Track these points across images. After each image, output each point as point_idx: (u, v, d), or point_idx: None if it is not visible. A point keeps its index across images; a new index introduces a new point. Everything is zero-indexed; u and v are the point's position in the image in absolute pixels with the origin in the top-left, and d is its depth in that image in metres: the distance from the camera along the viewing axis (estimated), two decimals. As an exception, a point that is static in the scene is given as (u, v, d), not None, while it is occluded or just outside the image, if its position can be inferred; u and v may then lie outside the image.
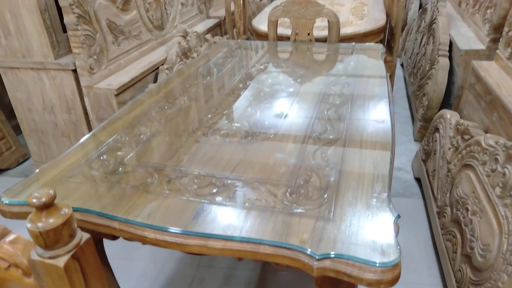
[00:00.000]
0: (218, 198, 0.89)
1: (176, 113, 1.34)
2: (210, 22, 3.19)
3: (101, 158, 1.08)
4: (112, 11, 1.95)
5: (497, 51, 1.84)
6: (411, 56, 3.38)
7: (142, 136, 1.20)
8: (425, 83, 2.60)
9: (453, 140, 1.74)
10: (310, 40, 2.14)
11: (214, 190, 0.92)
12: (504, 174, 1.25)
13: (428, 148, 2.07)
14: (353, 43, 2.09)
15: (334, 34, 2.10)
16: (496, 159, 1.32)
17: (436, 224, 1.68)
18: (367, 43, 2.07)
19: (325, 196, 0.88)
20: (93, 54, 1.83)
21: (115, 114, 1.35)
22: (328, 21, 2.08)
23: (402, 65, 3.80)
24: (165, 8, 2.50)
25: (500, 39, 1.83)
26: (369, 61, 1.78)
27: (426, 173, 2.01)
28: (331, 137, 1.14)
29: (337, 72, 1.66)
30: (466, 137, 1.62)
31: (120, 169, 1.03)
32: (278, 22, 2.40)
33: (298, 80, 1.59)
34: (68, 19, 1.69)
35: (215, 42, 2.90)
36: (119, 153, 1.10)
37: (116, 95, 1.84)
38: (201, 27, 3.03)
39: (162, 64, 2.25)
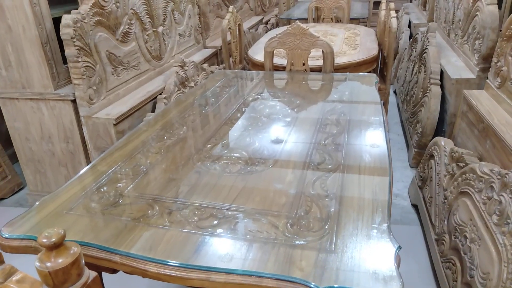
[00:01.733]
0: (219, 230, 0.90)
1: (175, 143, 1.36)
2: (207, 52, 3.26)
3: (101, 190, 1.08)
4: (112, 43, 2.00)
5: (487, 80, 1.90)
6: (404, 84, 3.45)
7: (142, 167, 1.21)
8: (418, 110, 2.65)
9: (449, 167, 1.76)
10: (305, 70, 2.20)
11: (215, 222, 0.92)
12: (500, 202, 1.27)
13: (424, 174, 2.09)
14: (347, 73, 2.15)
15: (329, 64, 2.15)
16: (492, 187, 1.34)
17: (435, 251, 1.68)
18: (361, 73, 2.12)
19: (326, 227, 0.88)
20: (92, 85, 1.86)
21: (115, 145, 1.36)
22: (323, 52, 2.14)
23: (395, 92, 3.88)
24: (163, 39, 2.56)
25: (490, 69, 1.89)
26: (363, 90, 1.82)
27: (423, 199, 2.02)
28: (329, 166, 1.15)
29: (332, 101, 1.69)
30: (461, 164, 1.64)
31: (120, 201, 1.03)
32: (274, 52, 2.46)
33: (295, 110, 1.62)
34: (69, 51, 1.73)
35: (212, 72, 2.96)
36: (119, 184, 1.10)
37: (115, 125, 1.86)
38: (198, 56, 3.09)
39: (160, 94, 2.28)
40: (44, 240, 0.44)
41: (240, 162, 1.20)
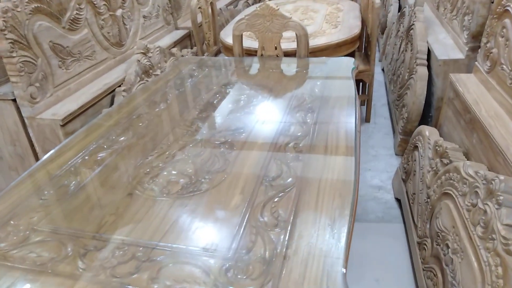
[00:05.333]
0: (139, 280, 0.73)
1: (113, 154, 1.17)
2: (179, 34, 3.02)
3: (11, 223, 0.91)
4: (57, 32, 1.78)
5: (476, 63, 1.71)
6: (391, 62, 3.25)
7: (70, 187, 1.03)
8: (404, 93, 2.46)
9: (432, 162, 1.60)
10: (277, 55, 1.99)
11: (135, 269, 0.76)
12: (485, 211, 1.11)
13: (408, 167, 1.93)
14: (324, 57, 1.95)
15: (303, 48, 1.95)
16: (477, 193, 1.18)
17: (417, 256, 1.54)
18: (338, 58, 1.92)
19: (268, 273, 0.72)
20: (34, 82, 1.65)
21: (45, 158, 1.18)
22: (296, 35, 1.93)
23: (383, 70, 3.67)
24: (124, 23, 2.33)
25: (479, 50, 1.70)
26: (338, 81, 1.63)
27: (406, 195, 1.87)
28: (287, 181, 0.98)
29: (302, 95, 1.50)
30: (445, 161, 1.48)
31: (31, 237, 0.86)
32: (247, 34, 2.25)
33: (258, 107, 1.43)
34: (1, 45, 1.51)
35: (182, 56, 2.74)
36: (34, 216, 0.93)
37: (63, 126, 1.67)
38: (168, 39, 2.86)
39: (120, 86, 2.08)
40: None
41: (183, 179, 1.03)
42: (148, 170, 1.08)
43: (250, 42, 2.27)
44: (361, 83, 2.79)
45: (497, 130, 1.31)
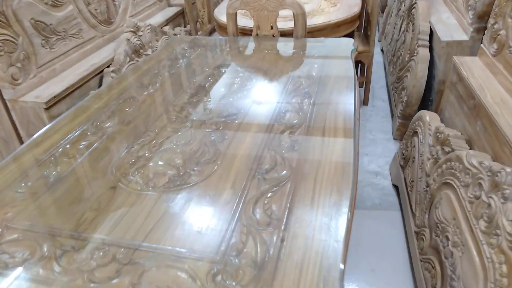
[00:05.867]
0: (119, 286, 0.67)
1: (97, 144, 1.10)
2: (172, 11, 2.89)
3: (-17, 219, 0.84)
4: (39, 8, 1.67)
5: (482, 45, 1.63)
6: (391, 42, 3.14)
7: (50, 179, 0.96)
8: (404, 76, 2.38)
9: (433, 149, 1.54)
10: (273, 35, 1.89)
11: (115, 273, 0.70)
12: (489, 205, 1.06)
13: (406, 153, 1.88)
14: (322, 38, 1.86)
15: (300, 28, 1.85)
16: (480, 184, 1.12)
17: (414, 246, 1.50)
18: (337, 38, 1.83)
19: (260, 279, 0.66)
20: (15, 62, 1.56)
21: (25, 144, 1.10)
22: (293, 13, 1.83)
23: (382, 50, 3.56)
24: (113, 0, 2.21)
25: (485, 32, 1.61)
26: (336, 63, 1.55)
27: (404, 182, 1.82)
28: (282, 173, 0.92)
29: (298, 78, 1.42)
30: (447, 149, 1.42)
31: (5, 235, 0.80)
32: (243, 12, 2.14)
33: (252, 91, 1.35)
34: (-24, 23, 1.41)
35: (175, 35, 2.63)
36: (9, 212, 0.86)
37: (47, 109, 1.58)
38: (160, 17, 2.74)
39: (108, 66, 1.98)
40: None
41: (171, 171, 0.96)
42: (133, 160, 1.01)
43: (245, 21, 2.16)
44: (359, 64, 2.70)
45: (503, 118, 1.24)
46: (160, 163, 1.00)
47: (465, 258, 1.11)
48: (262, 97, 1.31)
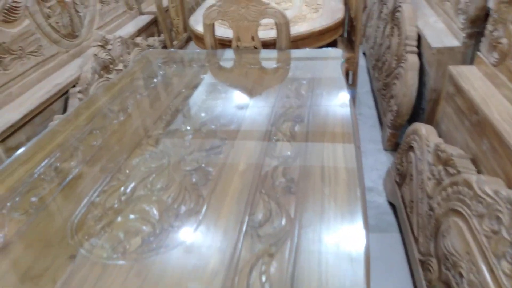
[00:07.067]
0: None
1: (54, 194, 0.92)
2: (144, 20, 2.70)
3: None
4: (-12, 26, 1.47)
5: (479, 53, 1.52)
6: (374, 46, 3.04)
7: (-5, 243, 0.78)
8: (393, 83, 2.27)
9: (434, 169, 1.42)
10: (255, 46, 1.74)
11: None
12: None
13: (402, 168, 1.76)
14: (307, 49, 1.72)
15: (284, 38, 1.70)
16: (498, 218, 1.00)
17: (420, 277, 1.38)
18: (324, 49, 1.69)
19: None
20: (-39, 89, 1.35)
21: (-34, 199, 0.91)
22: (276, 23, 1.68)
23: (364, 53, 3.46)
24: (76, 10, 2.01)
25: (482, 40, 1.50)
26: (326, 78, 1.40)
27: (402, 200, 1.70)
28: (278, 226, 0.77)
29: (287, 98, 1.28)
30: (451, 170, 1.30)
31: None
32: (220, 21, 1.98)
33: (236, 117, 1.20)
34: None
35: (148, 46, 2.44)
36: None
37: (2, 141, 1.38)
38: (131, 27, 2.54)
39: (74, 86, 1.79)
40: None
41: (145, 226, 0.80)
42: (98, 215, 0.84)
43: (223, 30, 2.00)
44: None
45: (516, 138, 1.13)
46: (131, 216, 0.83)
47: (485, 301, 0.99)
48: (248, 123, 1.15)
